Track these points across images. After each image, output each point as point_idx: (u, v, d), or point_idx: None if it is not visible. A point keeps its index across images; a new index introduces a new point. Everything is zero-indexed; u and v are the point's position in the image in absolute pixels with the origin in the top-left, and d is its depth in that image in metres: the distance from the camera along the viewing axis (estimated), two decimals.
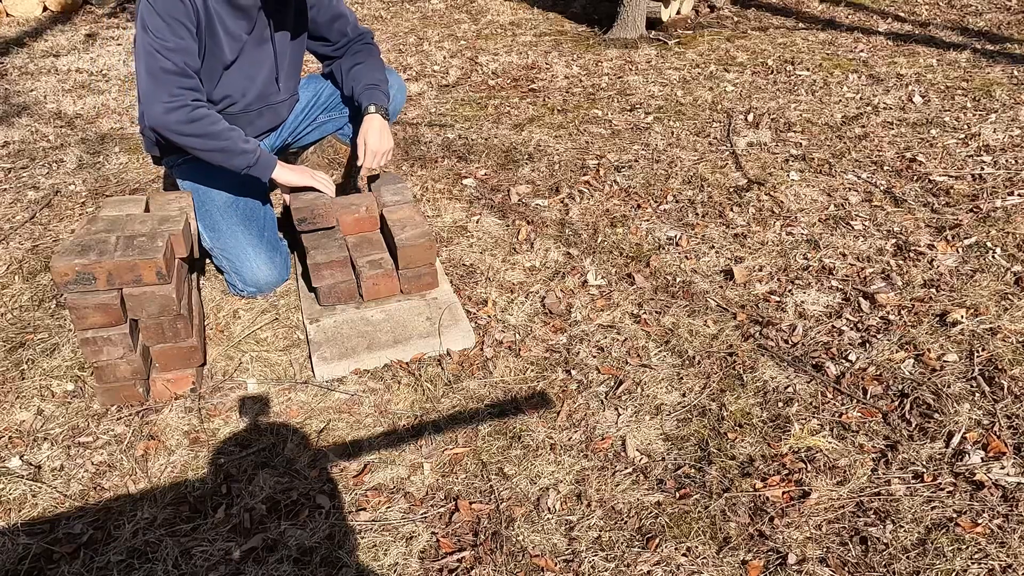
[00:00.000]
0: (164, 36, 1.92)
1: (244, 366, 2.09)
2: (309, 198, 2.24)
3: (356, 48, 2.40)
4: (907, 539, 1.54)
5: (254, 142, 2.13)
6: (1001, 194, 2.79)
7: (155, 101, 1.94)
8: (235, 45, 2.11)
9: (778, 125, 3.50)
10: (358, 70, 2.37)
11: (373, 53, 2.41)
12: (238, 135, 2.09)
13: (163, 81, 1.93)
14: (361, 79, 2.35)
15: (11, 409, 1.95)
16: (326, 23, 2.31)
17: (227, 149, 2.06)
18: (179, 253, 1.96)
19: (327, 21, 2.31)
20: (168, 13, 1.92)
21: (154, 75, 1.93)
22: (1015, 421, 1.80)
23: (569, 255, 2.57)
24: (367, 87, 2.32)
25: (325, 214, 2.23)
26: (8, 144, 3.50)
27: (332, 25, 2.33)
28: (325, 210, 2.23)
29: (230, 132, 2.06)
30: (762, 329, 2.17)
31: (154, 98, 1.94)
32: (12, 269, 2.55)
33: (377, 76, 2.36)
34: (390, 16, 5.64)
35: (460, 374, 2.05)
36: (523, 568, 1.52)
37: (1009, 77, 3.92)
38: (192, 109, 1.98)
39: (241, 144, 2.08)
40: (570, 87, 4.11)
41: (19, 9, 5.57)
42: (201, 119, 2.00)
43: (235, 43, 2.11)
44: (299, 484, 1.72)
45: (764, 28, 5.00)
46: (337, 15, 2.32)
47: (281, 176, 2.20)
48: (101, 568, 1.53)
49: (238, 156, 2.08)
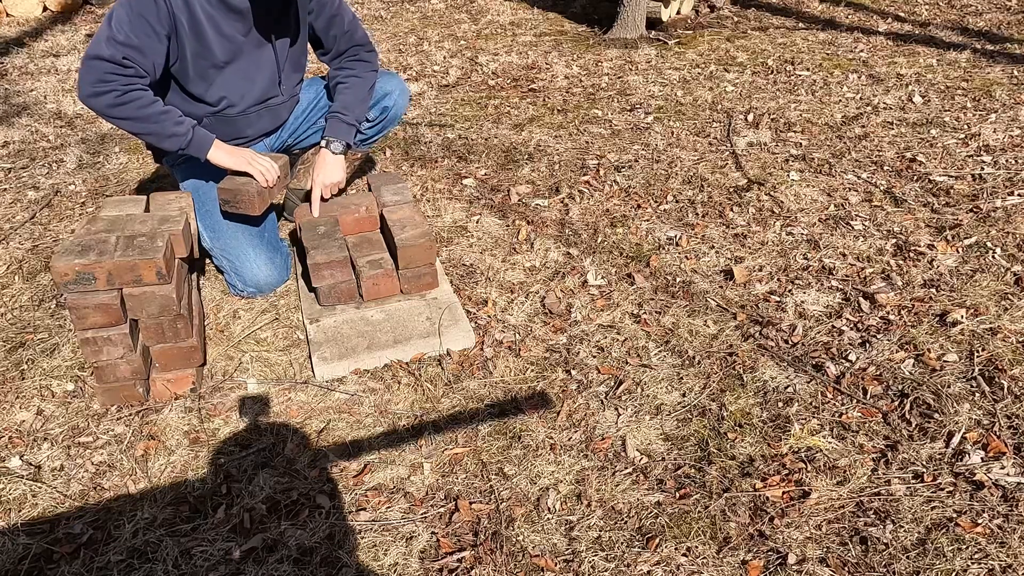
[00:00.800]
0: (119, 29, 1.93)
1: (244, 366, 2.09)
2: (240, 181, 2.18)
3: (349, 64, 2.38)
4: (907, 539, 1.54)
5: (188, 123, 2.08)
6: (1001, 194, 2.79)
7: (83, 84, 1.96)
8: (229, 46, 2.10)
9: (778, 125, 3.50)
10: (339, 89, 2.37)
11: (362, 70, 2.38)
12: (171, 117, 2.05)
13: (95, 67, 1.94)
14: (335, 101, 2.37)
15: (11, 409, 1.95)
16: (322, 29, 2.31)
17: (157, 132, 2.04)
18: (179, 253, 1.96)
19: (323, 27, 2.30)
20: (136, 10, 1.93)
21: (90, 60, 1.94)
22: (1015, 421, 1.80)
23: (569, 255, 2.57)
24: (331, 115, 2.34)
25: (248, 201, 2.16)
26: (8, 144, 3.50)
27: (328, 32, 2.31)
28: (248, 197, 2.16)
29: (162, 115, 2.03)
30: (762, 329, 2.17)
31: (83, 81, 1.96)
32: (12, 269, 2.55)
33: (348, 100, 2.35)
34: (390, 16, 5.64)
35: (460, 374, 2.05)
36: (523, 568, 1.52)
37: (1009, 77, 3.92)
38: (121, 94, 1.96)
39: (172, 127, 2.05)
40: (570, 87, 4.11)
41: (19, 9, 5.57)
42: (130, 103, 1.98)
43: (230, 44, 2.10)
44: (299, 484, 1.72)
45: (764, 28, 5.00)
46: (334, 22, 2.30)
47: (216, 157, 2.14)
48: (101, 568, 1.53)
49: (168, 139, 2.06)
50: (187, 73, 2.10)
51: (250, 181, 2.19)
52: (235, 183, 2.18)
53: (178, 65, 2.08)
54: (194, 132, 2.09)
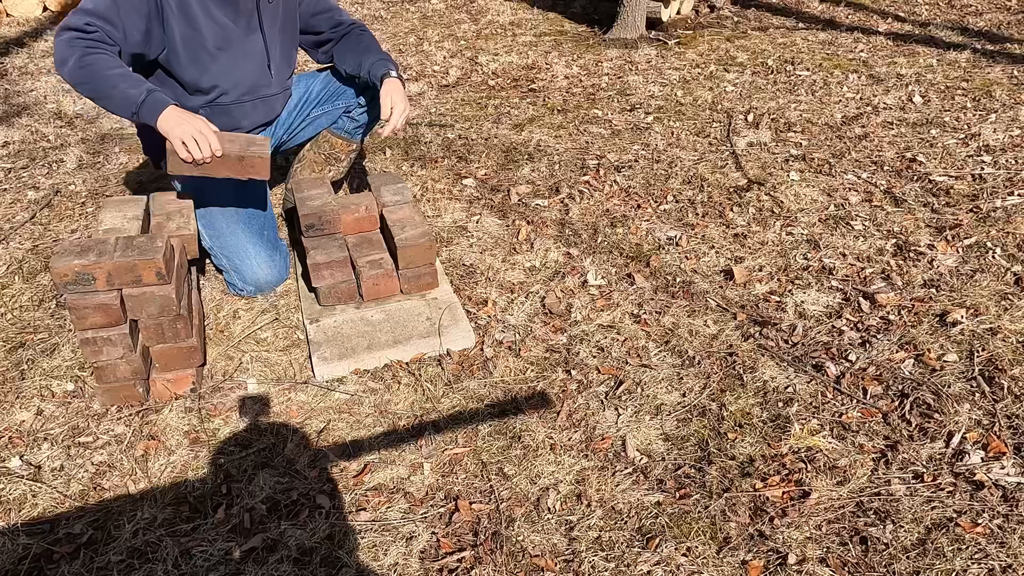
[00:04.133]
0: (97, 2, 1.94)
1: (244, 366, 2.09)
2: (317, 205, 2.24)
3: (356, 32, 2.44)
4: (907, 539, 1.54)
5: (146, 86, 1.96)
6: (1001, 194, 2.79)
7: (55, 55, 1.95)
8: (221, 33, 2.13)
9: (778, 125, 3.50)
10: (362, 48, 2.40)
11: (373, 38, 2.45)
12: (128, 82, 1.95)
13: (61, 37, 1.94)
14: (369, 54, 2.38)
15: (11, 409, 1.95)
16: (315, 13, 2.37)
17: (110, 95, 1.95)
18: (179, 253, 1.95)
19: (316, 11, 2.36)
20: None
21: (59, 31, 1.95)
22: (1015, 421, 1.80)
23: (569, 255, 2.57)
24: (379, 59, 2.35)
25: (332, 220, 2.24)
26: (8, 144, 3.50)
27: (321, 15, 2.38)
28: (333, 216, 2.24)
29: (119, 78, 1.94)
30: (762, 329, 2.17)
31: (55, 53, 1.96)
32: (12, 269, 2.55)
33: (382, 51, 2.40)
34: (390, 16, 5.64)
35: (460, 374, 2.05)
36: (523, 568, 1.52)
37: (1009, 77, 3.92)
38: (81, 56, 1.91)
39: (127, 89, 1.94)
40: (570, 87, 4.11)
41: (19, 9, 5.56)
42: (89, 66, 1.92)
43: (220, 30, 2.13)
44: (299, 484, 1.72)
45: (764, 28, 5.00)
46: (326, 7, 2.38)
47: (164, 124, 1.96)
48: (101, 568, 1.53)
49: (119, 101, 1.95)
50: (179, 59, 2.12)
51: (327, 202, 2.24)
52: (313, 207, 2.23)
53: (167, 52, 2.10)
54: (149, 95, 1.96)
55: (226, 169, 2.06)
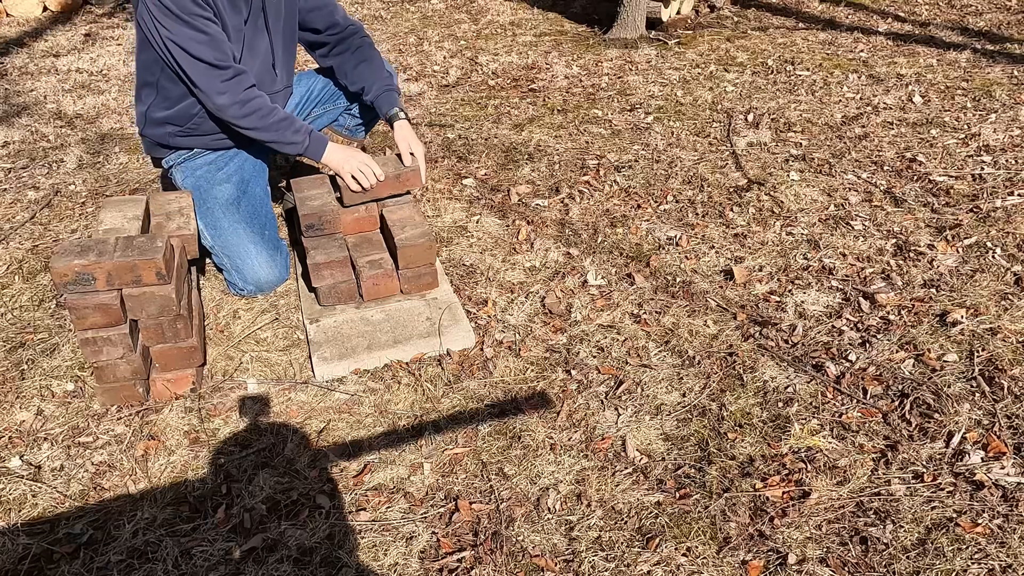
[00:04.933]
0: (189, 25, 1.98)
1: (244, 366, 2.09)
2: (316, 205, 2.24)
3: (356, 43, 2.43)
4: (907, 539, 1.54)
5: (304, 128, 2.19)
6: (1001, 194, 2.79)
7: (212, 94, 2.07)
8: (235, 33, 2.14)
9: (778, 125, 3.50)
10: (364, 67, 2.41)
11: (374, 49, 2.45)
12: (290, 125, 2.16)
13: (211, 75, 2.04)
14: (373, 79, 2.39)
15: (11, 409, 1.95)
16: (314, 11, 2.36)
17: (276, 141, 2.17)
18: (179, 253, 1.96)
19: (314, 8, 2.36)
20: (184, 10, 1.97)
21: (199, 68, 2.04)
22: (1015, 421, 1.80)
23: (569, 255, 2.57)
24: (385, 89, 2.38)
25: (332, 220, 2.24)
26: (8, 144, 3.50)
27: (317, 11, 2.37)
28: (333, 216, 2.24)
29: (281, 123, 2.15)
30: (762, 329, 2.17)
31: (210, 90, 2.07)
32: (12, 269, 2.55)
33: (385, 75, 2.41)
34: (390, 16, 5.64)
35: (460, 374, 2.05)
36: (523, 568, 1.52)
37: (1009, 77, 3.92)
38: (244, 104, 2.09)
39: (291, 135, 2.16)
40: (570, 87, 4.11)
41: (19, 9, 5.56)
42: (254, 112, 2.11)
43: (235, 31, 2.14)
44: (299, 484, 1.72)
45: (764, 28, 5.00)
46: (321, 3, 2.37)
47: (331, 162, 2.20)
48: (101, 568, 1.53)
49: (287, 146, 2.19)
50: None
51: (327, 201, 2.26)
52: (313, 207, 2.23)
53: None
54: (310, 137, 2.18)
55: (389, 188, 2.28)
